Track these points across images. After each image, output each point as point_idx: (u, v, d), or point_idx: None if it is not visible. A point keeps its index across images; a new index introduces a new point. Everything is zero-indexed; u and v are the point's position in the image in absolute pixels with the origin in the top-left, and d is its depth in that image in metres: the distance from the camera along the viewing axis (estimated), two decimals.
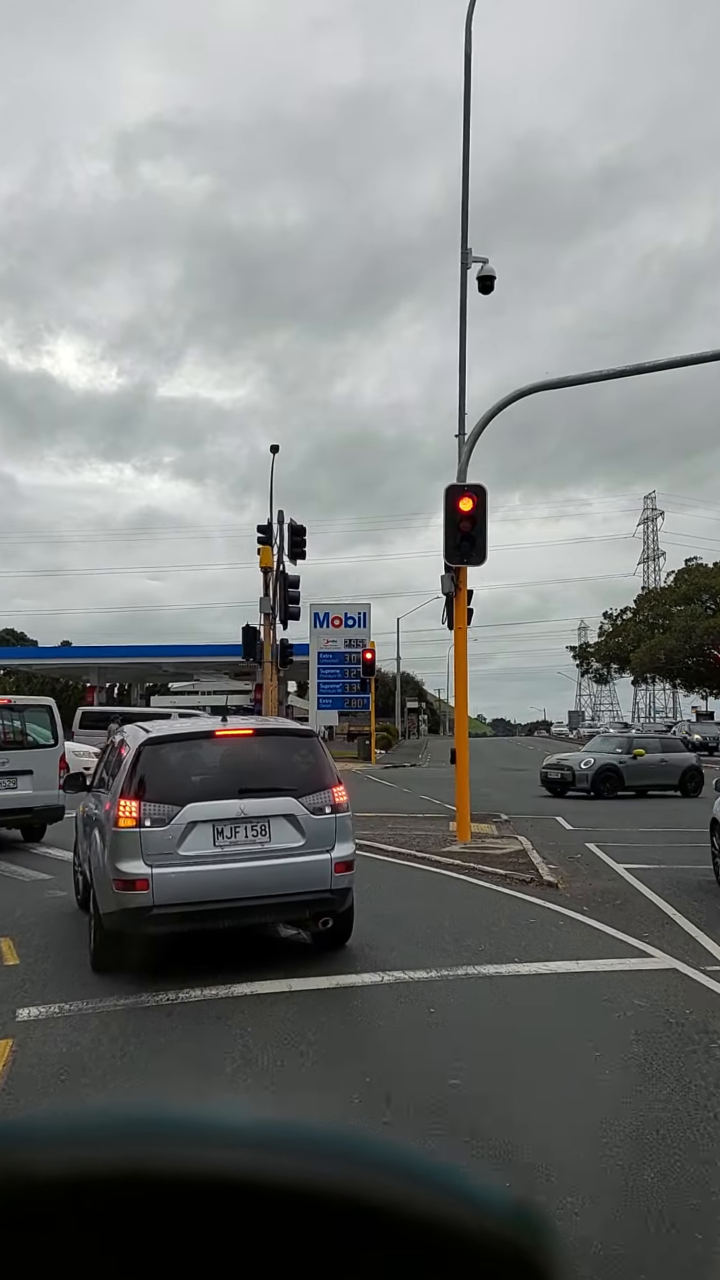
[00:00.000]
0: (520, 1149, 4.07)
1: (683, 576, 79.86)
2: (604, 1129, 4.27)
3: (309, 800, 7.14)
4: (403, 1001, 6.25)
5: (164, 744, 7.20)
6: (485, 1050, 5.36)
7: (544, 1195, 3.55)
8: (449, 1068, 5.00)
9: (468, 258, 14.09)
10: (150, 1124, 0.56)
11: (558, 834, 15.52)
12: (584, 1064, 5.08)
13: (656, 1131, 4.22)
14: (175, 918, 6.72)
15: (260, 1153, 0.54)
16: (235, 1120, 0.56)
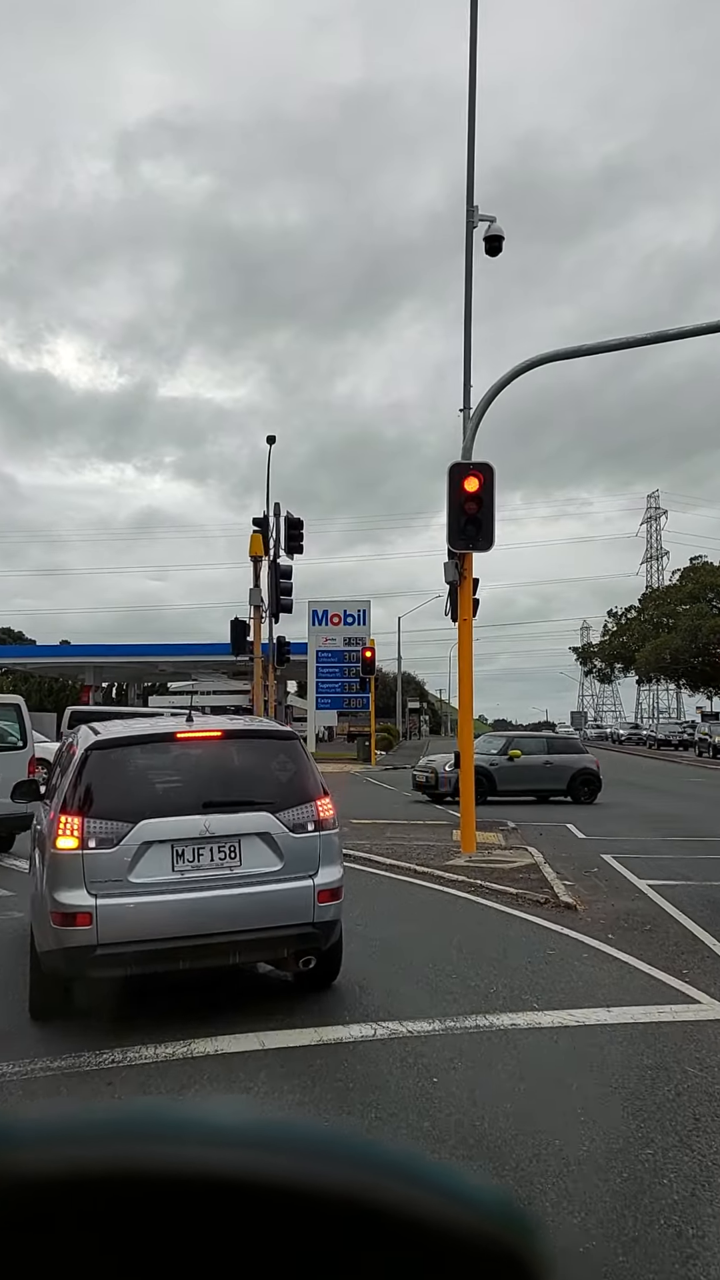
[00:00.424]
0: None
1: (688, 575, 78.54)
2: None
3: (288, 815, 5.98)
4: (399, 1066, 5.08)
5: (114, 748, 6.04)
6: (500, 1146, 4.18)
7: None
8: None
9: (474, 215, 12.92)
10: (146, 1123, 0.56)
11: (570, 844, 14.34)
12: (635, 1168, 3.91)
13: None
14: (124, 959, 5.55)
15: (256, 1152, 0.54)
16: (231, 1120, 0.56)
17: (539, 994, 6.33)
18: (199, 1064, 5.14)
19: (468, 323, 13.15)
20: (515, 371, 12.58)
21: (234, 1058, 5.25)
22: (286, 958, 5.97)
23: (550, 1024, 5.70)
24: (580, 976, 6.77)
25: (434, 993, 6.39)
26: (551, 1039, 5.46)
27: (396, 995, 6.34)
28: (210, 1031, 5.56)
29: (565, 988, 6.48)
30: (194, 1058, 5.21)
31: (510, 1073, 4.96)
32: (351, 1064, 5.16)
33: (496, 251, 13.05)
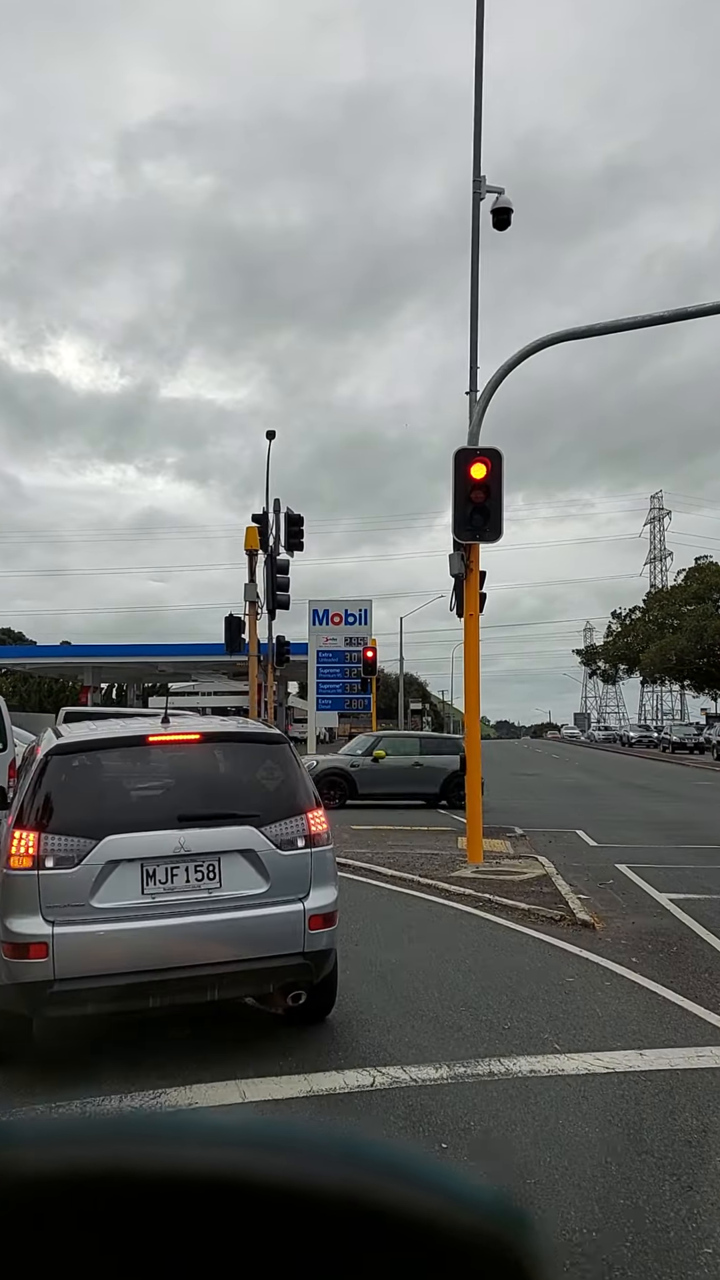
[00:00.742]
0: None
1: (693, 575, 77.69)
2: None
3: (275, 830, 5.26)
4: (401, 1125, 4.35)
5: (77, 753, 5.31)
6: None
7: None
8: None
9: (480, 187, 12.19)
10: (143, 1123, 0.56)
11: (582, 852, 13.60)
12: (693, 1276, 3.18)
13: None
14: (85, 996, 4.83)
15: (254, 1152, 0.53)
16: (229, 1120, 0.56)
17: (560, 1031, 5.60)
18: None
19: (474, 301, 12.42)
20: (526, 352, 11.85)
21: (211, 1113, 4.52)
22: (273, 993, 5.24)
23: (575, 1071, 4.96)
24: (605, 1009, 6.03)
25: (441, 1030, 5.65)
26: (577, 1091, 4.72)
27: (398, 1032, 5.61)
28: (186, 1078, 4.84)
29: (588, 1023, 5.74)
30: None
31: (532, 1137, 4.22)
32: (345, 1120, 4.44)
33: (505, 225, 12.32)
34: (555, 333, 12.05)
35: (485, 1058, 5.15)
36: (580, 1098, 4.64)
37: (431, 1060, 5.13)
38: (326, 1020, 5.75)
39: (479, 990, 6.44)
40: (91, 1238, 0.50)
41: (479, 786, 12.37)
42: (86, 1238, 0.50)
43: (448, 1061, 5.10)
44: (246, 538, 23.20)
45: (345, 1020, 5.81)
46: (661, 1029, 5.66)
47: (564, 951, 7.50)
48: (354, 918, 8.47)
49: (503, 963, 7.17)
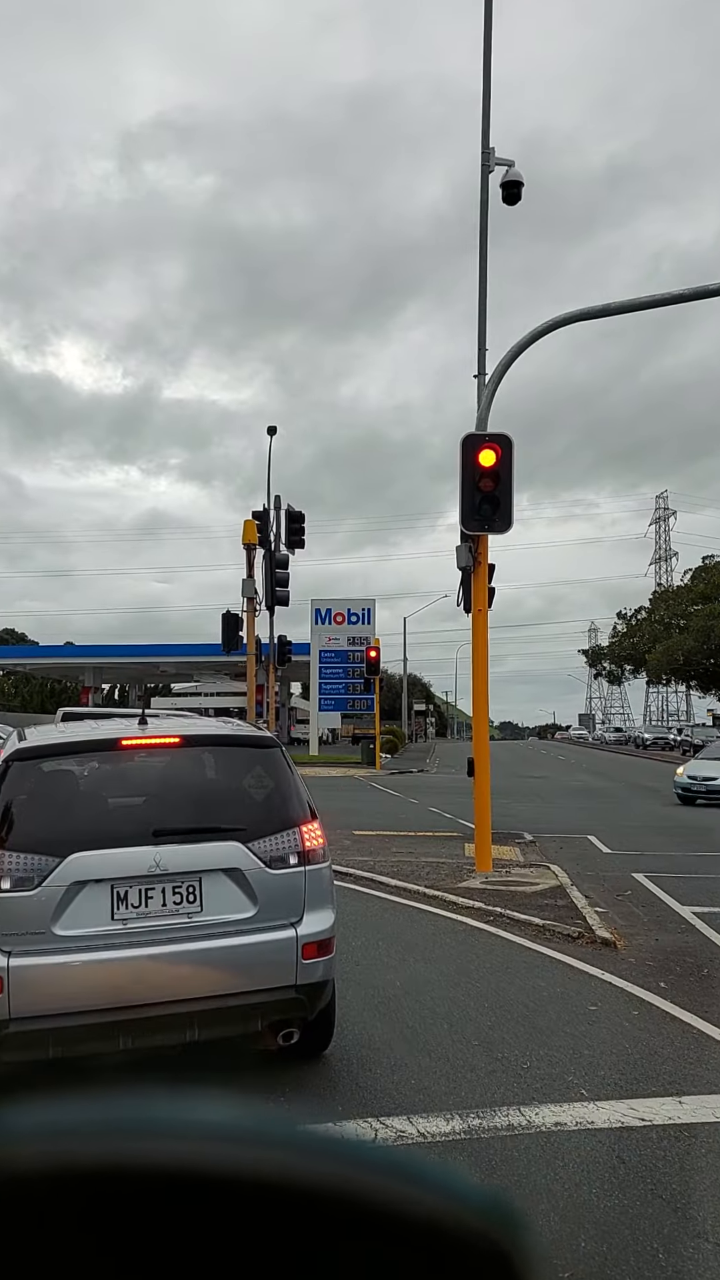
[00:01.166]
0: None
1: (699, 575, 76.93)
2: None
3: (265, 845, 4.64)
4: None
5: (41, 759, 4.70)
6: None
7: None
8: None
9: (490, 159, 11.57)
10: (135, 1119, 0.55)
11: (595, 860, 12.95)
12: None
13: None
14: (45, 1038, 4.22)
15: (248, 1148, 0.53)
16: (220, 1116, 0.55)
17: (585, 1071, 4.97)
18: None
19: (482, 280, 11.80)
20: (538, 332, 11.22)
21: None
22: (261, 1031, 4.61)
23: (606, 1123, 4.33)
24: (634, 1044, 5.40)
25: (452, 1069, 5.03)
26: (611, 1150, 4.09)
27: (404, 1072, 4.99)
28: None
29: (618, 1063, 5.11)
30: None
31: (561, 1212, 3.59)
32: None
33: (515, 199, 11.70)
34: (568, 312, 11.42)
35: (503, 1106, 4.53)
36: (615, 1159, 4.01)
37: (442, 1108, 4.51)
38: (324, 1056, 5.14)
39: (493, 1021, 5.81)
40: (83, 1233, 0.49)
41: (487, 789, 11.72)
42: (79, 1233, 0.49)
43: (460, 1110, 4.47)
44: (244, 531, 22.55)
45: (344, 1057, 5.19)
46: (701, 1070, 5.03)
47: (584, 974, 6.87)
48: (354, 934, 7.86)
49: (518, 987, 6.54)
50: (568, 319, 11.37)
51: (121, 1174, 0.51)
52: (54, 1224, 0.49)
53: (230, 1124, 0.55)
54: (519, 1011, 5.98)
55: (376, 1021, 5.80)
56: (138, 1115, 0.55)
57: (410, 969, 7.03)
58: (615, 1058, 5.18)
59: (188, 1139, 0.53)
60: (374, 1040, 5.47)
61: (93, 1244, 0.49)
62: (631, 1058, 5.19)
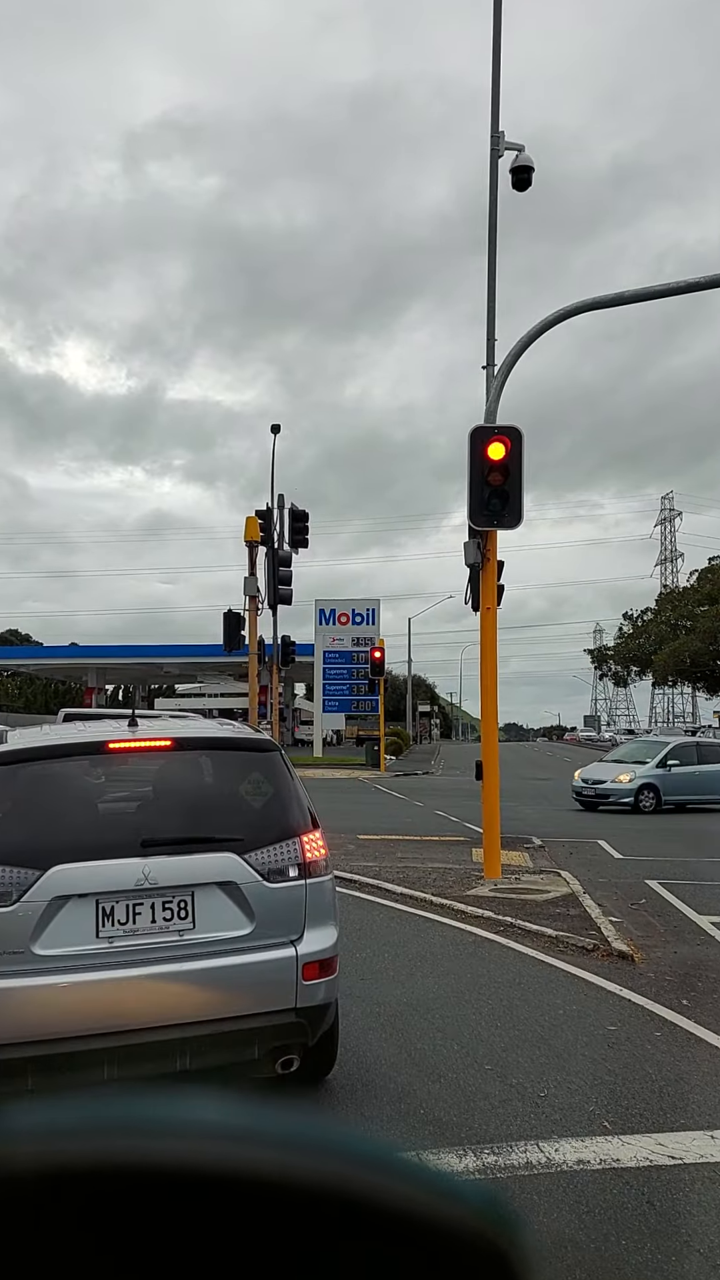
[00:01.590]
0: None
1: (706, 576, 76.47)
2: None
3: (262, 857, 4.29)
4: None
5: (22, 764, 4.36)
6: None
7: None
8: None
9: (499, 143, 11.23)
10: (131, 1117, 0.54)
11: (607, 866, 12.59)
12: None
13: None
14: (23, 1067, 3.88)
15: (242, 1145, 0.53)
16: (218, 1114, 0.55)
17: (608, 1101, 4.62)
18: None
19: (491, 268, 11.45)
20: (549, 321, 10.87)
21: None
22: (258, 1059, 4.26)
23: (633, 1162, 3.98)
24: (659, 1070, 5.04)
25: (464, 1097, 4.68)
26: (640, 1194, 3.73)
27: (412, 1101, 4.64)
28: None
29: (642, 1091, 4.75)
30: None
31: (588, 1268, 3.24)
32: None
33: (525, 185, 11.35)
34: (580, 301, 11.06)
35: (520, 1140, 4.18)
36: (645, 1204, 3.66)
37: (454, 1141, 4.16)
38: (325, 1081, 4.80)
39: (507, 1042, 5.46)
40: (81, 1232, 0.49)
41: (496, 794, 11.37)
42: (76, 1233, 0.49)
43: (474, 1145, 4.13)
44: (246, 528, 22.20)
45: (348, 1082, 4.85)
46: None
47: (602, 990, 6.51)
48: (359, 946, 7.52)
49: (532, 1004, 6.18)
50: (580, 308, 11.02)
51: (118, 1173, 0.50)
52: (51, 1224, 0.49)
53: (227, 1122, 0.54)
54: (534, 1032, 5.63)
55: (382, 1042, 5.46)
56: (134, 1114, 0.54)
57: (417, 983, 6.68)
58: (639, 1085, 4.83)
59: (185, 1137, 0.53)
60: (379, 1063, 5.13)
61: (90, 1244, 0.50)
62: (657, 1085, 4.83)
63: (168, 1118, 0.55)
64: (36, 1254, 0.49)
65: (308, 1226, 0.51)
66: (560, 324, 11.10)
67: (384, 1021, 5.80)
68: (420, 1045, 5.41)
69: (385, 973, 6.91)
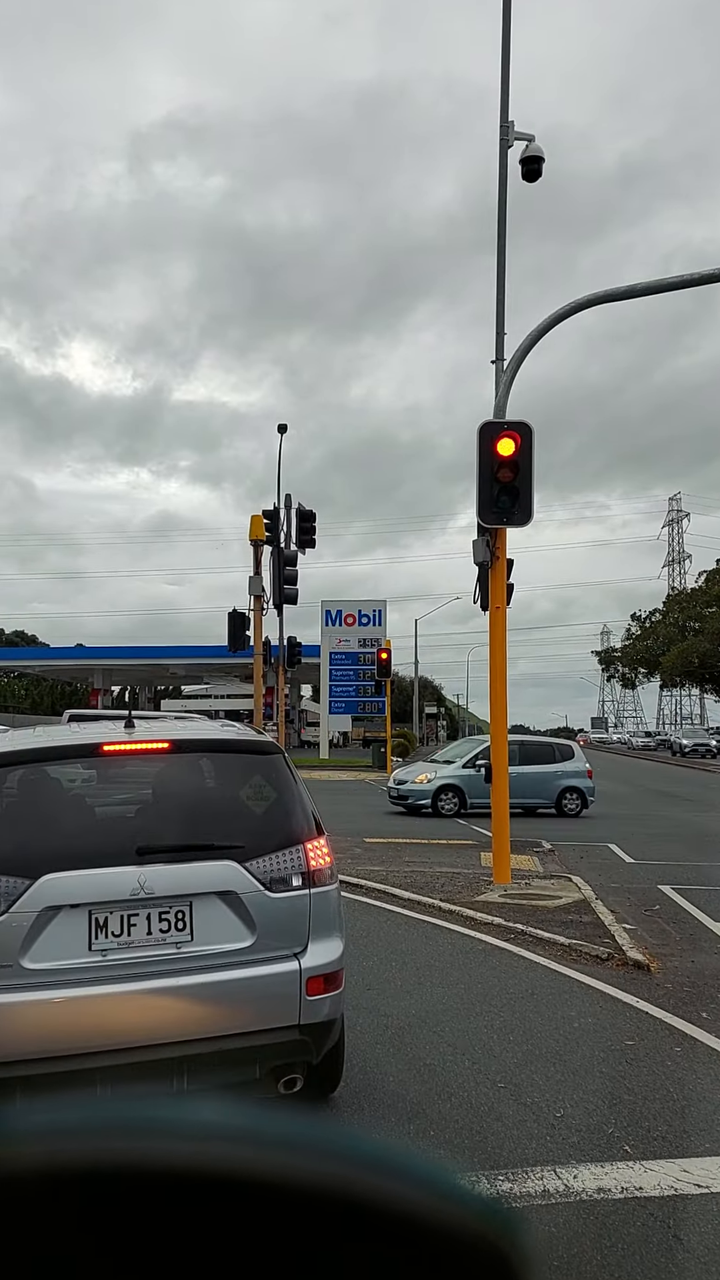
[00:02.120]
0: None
1: (714, 578, 76.09)
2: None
3: (264, 865, 4.08)
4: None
5: (13, 768, 4.15)
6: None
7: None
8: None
9: (509, 133, 11.01)
10: (133, 1118, 0.54)
11: (619, 871, 12.35)
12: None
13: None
14: (12, 1086, 3.67)
15: (244, 1146, 0.53)
16: (220, 1115, 0.55)
17: (628, 1122, 4.39)
18: None
19: (500, 261, 11.23)
20: (561, 314, 10.65)
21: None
22: (260, 1078, 4.05)
23: (657, 1190, 3.75)
24: (680, 1089, 4.81)
25: (476, 1117, 4.46)
26: (664, 1225, 3.50)
27: (422, 1121, 4.42)
28: None
29: (664, 1111, 4.52)
30: None
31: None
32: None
33: (535, 175, 11.13)
34: (593, 293, 10.82)
35: (536, 1166, 3.95)
36: (671, 1237, 3.43)
37: (466, 1168, 3.93)
38: (331, 1099, 4.58)
39: (520, 1058, 5.23)
40: (82, 1233, 0.49)
41: (505, 797, 11.13)
42: (77, 1233, 0.49)
43: (488, 1171, 3.90)
44: (252, 527, 21.98)
45: (354, 1100, 4.63)
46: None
47: (618, 1002, 6.28)
48: (365, 954, 7.30)
49: (546, 1017, 5.95)
50: (591, 301, 10.79)
51: (119, 1174, 0.50)
52: (52, 1224, 0.49)
53: (229, 1123, 0.54)
54: (548, 1047, 5.40)
55: (389, 1057, 5.24)
56: (136, 1115, 0.54)
57: (426, 994, 6.45)
58: (660, 1105, 4.59)
59: (187, 1138, 0.53)
60: (387, 1080, 4.91)
61: (91, 1244, 0.50)
62: (678, 1105, 4.60)
63: (169, 1119, 0.54)
64: (37, 1255, 0.49)
65: (308, 1228, 0.51)
66: (567, 322, 10.87)
67: (392, 1035, 5.58)
68: (430, 1060, 5.18)
69: (392, 982, 6.69)
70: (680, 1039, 5.56)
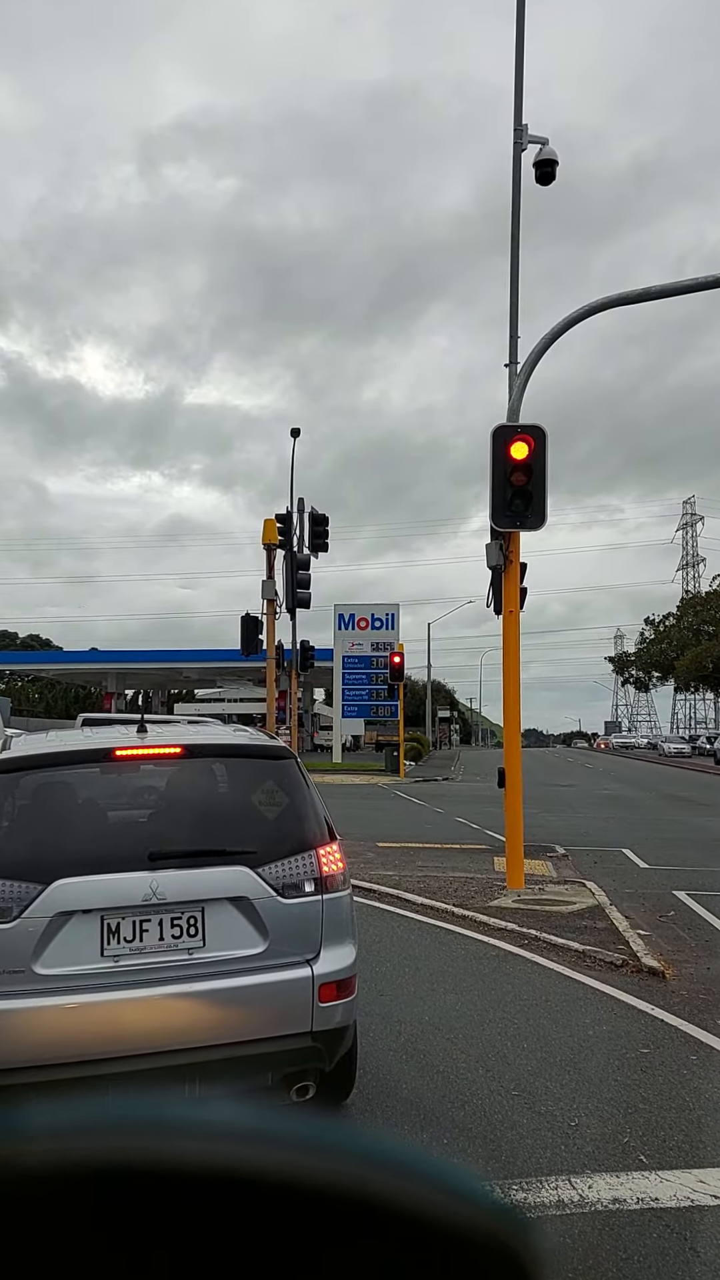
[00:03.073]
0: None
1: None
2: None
3: (276, 871, 4.06)
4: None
5: (24, 772, 4.15)
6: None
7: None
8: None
9: (522, 136, 10.99)
10: (145, 1117, 0.54)
11: (633, 876, 12.27)
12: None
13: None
14: (23, 1093, 3.66)
15: (253, 1145, 0.53)
16: (231, 1115, 0.55)
17: (643, 1131, 4.35)
18: None
19: (514, 263, 11.21)
20: (574, 317, 10.61)
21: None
22: (273, 1085, 4.03)
23: (673, 1201, 3.71)
24: (697, 1098, 4.76)
25: (490, 1125, 4.42)
26: (681, 1237, 3.46)
27: (435, 1128, 4.39)
28: None
29: (679, 1121, 4.48)
30: None
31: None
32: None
33: (549, 179, 11.10)
34: (607, 296, 10.79)
35: (550, 1175, 3.92)
36: (689, 1250, 3.39)
37: (480, 1174, 3.90)
38: (343, 1106, 4.56)
39: (534, 1065, 5.19)
40: (94, 1231, 0.49)
41: (519, 801, 11.08)
42: (89, 1231, 0.49)
43: (502, 1181, 3.87)
44: (265, 531, 21.99)
45: (367, 1107, 4.61)
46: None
47: (632, 1009, 6.23)
48: (378, 960, 7.27)
49: (560, 1025, 5.91)
50: (604, 304, 10.75)
51: (132, 1172, 0.51)
52: (64, 1222, 0.49)
53: (240, 1122, 0.54)
54: (563, 1054, 5.36)
55: (402, 1064, 5.21)
56: (148, 1114, 0.55)
57: (439, 1000, 6.42)
58: (676, 1114, 4.55)
59: (198, 1137, 0.53)
60: (400, 1088, 4.88)
61: (103, 1242, 0.49)
62: (695, 1115, 4.55)
63: (181, 1117, 0.54)
64: (49, 1252, 0.49)
65: (320, 1227, 0.51)
66: (580, 324, 10.83)
67: (404, 1041, 5.55)
68: (443, 1068, 5.15)
69: (405, 988, 6.66)
70: (696, 1047, 5.50)
